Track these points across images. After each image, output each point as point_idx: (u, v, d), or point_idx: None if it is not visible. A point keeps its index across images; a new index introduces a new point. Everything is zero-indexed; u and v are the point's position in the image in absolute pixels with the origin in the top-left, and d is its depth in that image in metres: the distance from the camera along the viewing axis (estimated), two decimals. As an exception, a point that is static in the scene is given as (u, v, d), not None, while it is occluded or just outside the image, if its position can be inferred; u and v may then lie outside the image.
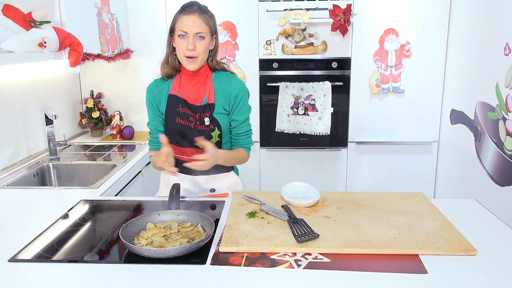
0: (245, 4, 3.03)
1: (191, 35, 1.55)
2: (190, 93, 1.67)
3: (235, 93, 1.67)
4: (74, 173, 2.34)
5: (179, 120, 1.65)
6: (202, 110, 1.65)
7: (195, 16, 1.55)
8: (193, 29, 1.55)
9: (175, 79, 1.70)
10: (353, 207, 1.55)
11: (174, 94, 1.67)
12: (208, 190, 1.78)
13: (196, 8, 1.57)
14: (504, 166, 2.33)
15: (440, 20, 3.00)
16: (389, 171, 3.28)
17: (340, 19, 2.94)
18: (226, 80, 1.68)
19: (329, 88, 3.04)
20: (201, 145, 1.54)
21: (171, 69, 1.69)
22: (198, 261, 1.20)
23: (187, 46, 1.56)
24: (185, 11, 1.56)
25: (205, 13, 1.58)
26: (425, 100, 3.14)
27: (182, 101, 1.66)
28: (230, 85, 1.67)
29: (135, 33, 3.09)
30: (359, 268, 1.16)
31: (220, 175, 1.76)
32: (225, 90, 1.66)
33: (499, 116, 2.36)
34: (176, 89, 1.68)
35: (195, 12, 1.55)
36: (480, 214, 1.54)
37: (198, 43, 1.56)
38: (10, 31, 1.95)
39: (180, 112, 1.65)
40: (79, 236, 1.39)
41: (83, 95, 3.13)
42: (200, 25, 1.55)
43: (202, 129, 1.65)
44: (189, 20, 1.55)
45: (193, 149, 1.67)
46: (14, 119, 2.27)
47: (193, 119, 1.65)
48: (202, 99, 1.67)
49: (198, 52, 1.57)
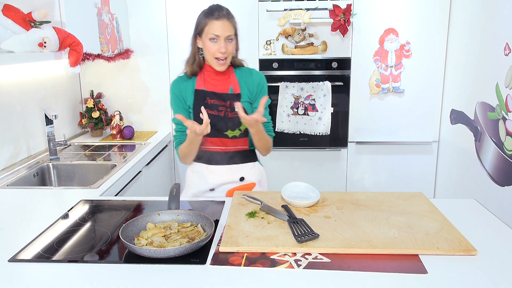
0: (245, 4, 3.03)
1: (222, 39, 1.66)
2: (216, 86, 1.78)
3: (257, 81, 1.81)
4: (74, 173, 2.34)
5: (208, 111, 1.73)
6: (231, 98, 1.76)
7: (225, 21, 1.66)
8: (224, 33, 1.66)
9: (198, 76, 1.80)
10: (353, 207, 1.55)
11: (201, 89, 1.77)
12: (238, 179, 1.85)
13: (225, 12, 1.68)
14: (504, 166, 2.33)
15: (440, 20, 3.00)
16: (389, 171, 3.28)
17: (340, 19, 2.94)
18: (247, 72, 1.82)
19: (329, 88, 3.04)
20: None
21: (197, 67, 1.79)
22: (198, 261, 1.20)
23: (220, 49, 1.67)
24: (214, 16, 1.66)
25: (232, 17, 1.70)
26: (425, 100, 3.14)
27: (210, 94, 1.76)
28: (252, 76, 1.81)
29: (135, 33, 3.10)
30: (359, 268, 1.16)
31: (247, 164, 1.86)
32: (247, 80, 1.80)
33: (499, 116, 2.36)
34: (202, 84, 1.78)
35: (225, 16, 1.66)
36: (480, 214, 1.54)
37: (228, 45, 1.69)
38: (10, 31, 1.95)
39: (209, 104, 1.76)
40: (79, 236, 1.39)
41: (83, 95, 3.13)
42: (229, 28, 1.67)
43: (233, 116, 1.75)
44: (219, 24, 1.65)
45: (223, 139, 1.79)
46: (14, 119, 2.27)
47: (223, 108, 1.75)
48: (228, 89, 1.78)
49: (228, 53, 1.69)
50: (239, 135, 1.78)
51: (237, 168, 1.84)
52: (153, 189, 2.72)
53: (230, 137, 1.77)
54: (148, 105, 3.22)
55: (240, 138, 1.80)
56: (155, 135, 3.08)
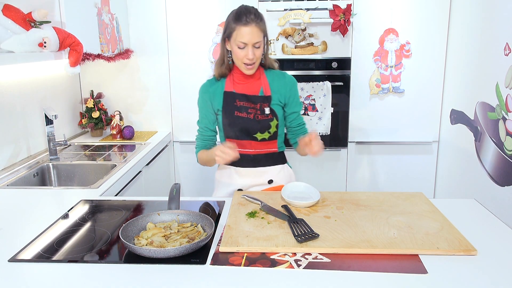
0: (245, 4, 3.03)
1: (250, 45, 1.63)
2: (245, 88, 1.76)
3: (290, 85, 1.79)
4: (74, 173, 2.34)
5: (238, 114, 1.74)
6: (261, 100, 1.74)
7: (253, 27, 1.61)
8: (252, 40, 1.62)
9: (227, 78, 1.78)
10: (353, 207, 1.55)
11: (230, 91, 1.75)
12: (267, 182, 1.85)
13: (253, 17, 1.61)
14: (504, 166, 2.33)
15: (440, 20, 3.00)
16: (389, 171, 3.28)
17: (340, 19, 2.94)
18: (279, 76, 1.79)
19: (329, 88, 3.04)
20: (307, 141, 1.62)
21: (226, 69, 1.77)
22: (198, 261, 1.20)
23: (247, 56, 1.65)
24: (242, 22, 1.61)
25: (260, 20, 1.64)
26: (425, 100, 3.14)
27: (239, 96, 1.74)
28: (284, 79, 1.79)
29: (135, 33, 3.10)
30: (359, 268, 1.16)
31: (276, 167, 1.85)
32: (279, 84, 1.77)
33: (499, 116, 2.36)
34: (231, 86, 1.76)
35: (253, 22, 1.61)
36: (480, 214, 1.54)
37: (256, 51, 1.65)
38: (10, 31, 1.95)
39: (238, 106, 1.74)
40: (79, 236, 1.39)
41: (83, 95, 3.13)
42: (258, 35, 1.63)
43: (262, 118, 1.74)
44: (247, 31, 1.61)
45: (251, 141, 1.77)
46: (14, 119, 2.27)
47: (253, 110, 1.74)
48: (258, 91, 1.76)
49: (256, 58, 1.67)
50: (268, 138, 1.77)
51: (266, 171, 1.83)
52: (153, 189, 2.72)
53: (259, 139, 1.76)
54: (148, 105, 3.22)
55: (269, 141, 1.79)
56: (155, 135, 3.08)
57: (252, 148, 1.79)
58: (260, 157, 1.81)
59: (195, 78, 3.13)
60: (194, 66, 3.12)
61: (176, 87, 3.17)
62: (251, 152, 1.80)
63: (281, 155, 1.88)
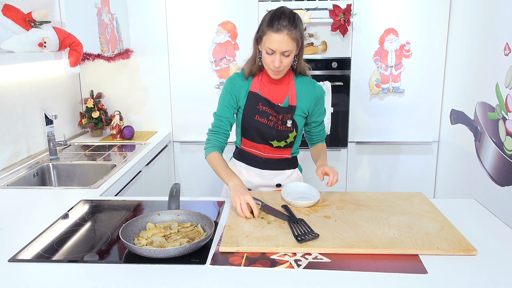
0: (245, 4, 3.03)
1: (278, 53, 1.56)
2: (271, 92, 1.70)
3: (318, 97, 1.74)
4: (74, 173, 2.34)
5: (258, 118, 1.70)
6: (285, 111, 1.69)
7: (284, 35, 1.51)
8: (280, 48, 1.54)
9: (256, 77, 1.72)
10: (353, 207, 1.55)
11: (255, 92, 1.70)
12: (275, 185, 1.84)
13: (286, 24, 1.51)
14: (504, 166, 2.33)
15: (440, 20, 3.00)
16: (389, 171, 3.28)
17: (340, 19, 2.94)
18: (309, 85, 1.73)
19: (329, 88, 3.04)
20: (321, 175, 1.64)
21: (256, 69, 1.71)
22: (198, 261, 1.20)
23: (274, 63, 1.58)
24: (274, 28, 1.52)
25: (294, 28, 1.53)
26: (425, 100, 3.14)
27: (263, 100, 1.69)
28: (314, 90, 1.73)
29: (135, 33, 3.09)
30: (359, 268, 1.16)
31: (286, 171, 1.84)
32: (307, 93, 1.71)
33: (499, 116, 2.36)
34: (257, 87, 1.71)
35: (284, 29, 1.51)
36: (480, 214, 1.54)
37: (284, 59, 1.58)
38: (10, 31, 1.95)
39: (260, 110, 1.69)
40: (79, 236, 1.39)
41: (83, 95, 3.13)
42: (288, 43, 1.53)
43: (282, 129, 1.70)
44: (277, 38, 1.52)
45: (266, 146, 1.76)
46: (14, 119, 2.27)
47: (274, 118, 1.69)
48: (283, 100, 1.70)
49: (283, 66, 1.60)
50: (283, 146, 1.76)
51: (276, 174, 1.83)
52: (153, 189, 2.72)
53: (274, 146, 1.75)
54: (148, 105, 3.22)
55: (283, 148, 1.77)
56: (155, 135, 3.08)
57: (266, 152, 1.78)
58: (272, 161, 1.80)
59: (195, 78, 3.13)
60: (194, 66, 3.12)
61: (176, 87, 3.17)
62: (265, 156, 1.79)
63: (293, 160, 1.86)
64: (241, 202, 1.46)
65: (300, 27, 1.58)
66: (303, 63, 1.72)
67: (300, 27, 1.58)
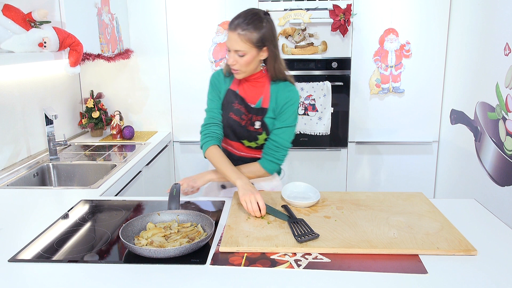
0: (245, 4, 3.03)
1: (232, 51, 1.58)
2: (247, 92, 1.72)
3: (287, 99, 1.65)
4: (74, 173, 2.34)
5: (232, 115, 1.71)
6: (255, 112, 1.69)
7: (235, 34, 1.54)
8: (232, 46, 1.57)
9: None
10: (353, 207, 1.55)
11: (234, 90, 1.72)
12: None
13: (237, 23, 1.53)
14: (504, 166, 2.33)
15: (440, 20, 3.00)
16: (389, 171, 3.28)
17: (340, 19, 2.94)
18: (282, 87, 1.68)
19: (329, 88, 3.04)
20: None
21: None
22: (198, 261, 1.20)
23: (228, 61, 1.61)
24: (231, 26, 1.56)
25: (245, 30, 1.52)
26: (425, 100, 3.14)
27: (239, 98, 1.71)
28: (284, 92, 1.66)
29: (135, 33, 3.09)
30: (359, 268, 1.16)
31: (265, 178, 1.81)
32: (278, 95, 1.67)
33: (499, 116, 2.36)
34: (236, 85, 1.73)
35: (236, 29, 1.53)
36: (480, 214, 1.54)
37: (238, 59, 1.58)
38: (10, 31, 1.95)
39: (235, 108, 1.71)
40: (79, 236, 1.39)
41: (83, 95, 3.13)
42: (238, 43, 1.54)
43: (251, 130, 1.70)
44: (230, 36, 1.56)
45: (239, 144, 1.76)
46: (14, 119, 2.27)
47: (246, 117, 1.71)
48: (256, 101, 1.70)
49: (239, 66, 1.60)
50: (254, 147, 1.76)
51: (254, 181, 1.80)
52: (153, 189, 2.72)
53: (246, 145, 1.76)
54: (148, 105, 3.22)
55: (255, 149, 1.77)
56: (155, 135, 3.08)
57: (239, 150, 1.79)
58: (246, 160, 1.78)
59: (195, 78, 3.13)
60: (194, 66, 3.12)
61: (176, 87, 3.17)
62: (239, 154, 1.79)
63: None
64: (251, 201, 1.47)
65: (261, 30, 1.54)
66: (278, 68, 1.65)
67: (261, 30, 1.54)
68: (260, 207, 1.47)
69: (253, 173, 1.71)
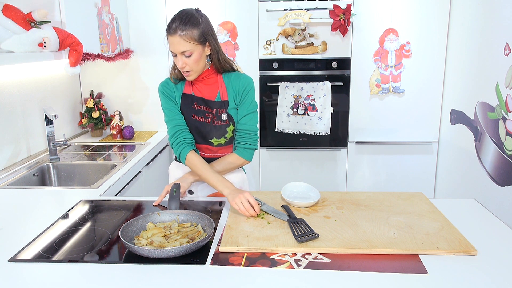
0: (245, 4, 3.03)
1: (178, 54, 1.57)
2: (203, 91, 1.72)
3: (244, 86, 1.71)
4: (74, 173, 2.34)
5: (195, 117, 1.71)
6: (219, 106, 1.70)
7: (176, 37, 1.53)
8: (177, 49, 1.55)
9: (186, 81, 1.73)
10: (353, 207, 1.55)
11: (188, 93, 1.72)
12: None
13: (175, 26, 1.53)
14: (504, 166, 2.33)
15: (440, 20, 3.00)
16: (389, 171, 3.28)
17: (340, 19, 2.94)
18: (235, 77, 1.72)
19: (329, 88, 3.04)
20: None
21: (180, 74, 1.71)
22: (198, 261, 1.20)
23: (178, 65, 1.59)
24: (169, 31, 1.55)
25: (185, 29, 1.53)
26: (425, 100, 3.14)
27: (198, 99, 1.71)
28: (239, 80, 1.71)
29: (135, 33, 3.10)
30: (359, 268, 1.16)
31: (230, 173, 1.80)
32: (234, 85, 1.71)
33: (499, 116, 2.36)
34: (189, 89, 1.72)
35: (175, 32, 1.53)
36: (480, 214, 1.54)
37: (186, 60, 1.58)
38: (10, 31, 1.95)
39: (196, 109, 1.70)
40: (79, 236, 1.39)
41: (83, 95, 3.13)
42: (182, 44, 1.54)
43: (219, 124, 1.70)
44: (171, 40, 1.55)
45: (207, 146, 1.75)
46: (14, 119, 2.27)
47: (210, 115, 1.70)
48: (215, 96, 1.72)
49: (189, 67, 1.60)
50: (224, 143, 1.75)
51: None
52: (153, 189, 2.72)
53: (215, 145, 1.74)
54: (148, 105, 3.22)
55: (225, 146, 1.77)
56: (155, 135, 3.08)
57: (207, 153, 1.77)
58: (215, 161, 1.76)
59: (195, 78, 3.13)
60: (194, 66, 3.12)
61: (176, 87, 3.17)
62: (207, 156, 1.77)
63: None
64: (242, 201, 1.47)
65: (200, 26, 1.56)
66: (223, 60, 1.68)
67: (200, 26, 1.56)
68: (252, 204, 1.47)
69: (231, 164, 1.72)
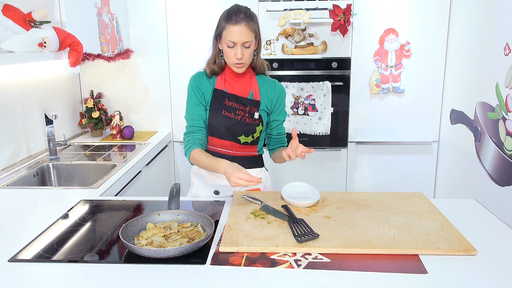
0: (245, 4, 3.02)
1: (239, 45, 1.60)
2: (236, 88, 1.74)
3: (279, 93, 1.78)
4: (74, 173, 2.34)
5: (225, 113, 1.71)
6: (252, 104, 1.73)
7: (242, 26, 1.57)
8: (241, 39, 1.59)
9: (219, 76, 1.75)
10: (353, 207, 1.55)
11: (220, 89, 1.73)
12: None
13: (243, 16, 1.58)
14: (504, 166, 2.33)
15: (440, 20, 3.00)
16: (389, 171, 3.28)
17: (340, 19, 2.94)
18: (270, 83, 1.78)
19: (329, 88, 3.04)
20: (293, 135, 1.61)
21: (218, 68, 1.73)
22: (198, 261, 1.20)
23: (236, 55, 1.62)
24: (232, 20, 1.58)
25: (251, 20, 1.60)
26: (425, 100, 3.14)
27: (230, 96, 1.72)
28: (275, 87, 1.78)
29: (135, 33, 3.10)
30: (359, 268, 1.16)
31: (254, 170, 1.83)
32: (269, 91, 1.76)
33: (499, 116, 2.36)
34: (222, 84, 1.73)
35: (242, 21, 1.57)
36: (480, 214, 1.54)
37: (245, 51, 1.62)
38: (10, 31, 1.95)
39: (227, 105, 1.72)
40: (79, 236, 1.39)
41: (83, 95, 3.13)
42: (247, 34, 1.59)
43: (249, 122, 1.73)
44: (236, 30, 1.57)
45: (233, 143, 1.76)
46: (14, 119, 2.27)
47: (241, 112, 1.72)
48: (248, 94, 1.75)
49: (245, 59, 1.64)
50: (250, 142, 1.76)
51: None
52: (153, 189, 2.72)
53: (241, 142, 1.74)
54: (148, 105, 3.22)
55: (251, 145, 1.78)
56: (155, 135, 3.08)
57: (233, 150, 1.77)
58: (239, 159, 1.77)
59: (195, 78, 3.13)
60: (194, 66, 3.11)
61: (176, 87, 3.17)
62: (231, 154, 1.78)
63: (260, 159, 1.87)
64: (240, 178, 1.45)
65: (257, 21, 1.64)
66: (261, 60, 1.76)
67: (257, 21, 1.64)
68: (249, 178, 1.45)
69: (281, 159, 1.76)
